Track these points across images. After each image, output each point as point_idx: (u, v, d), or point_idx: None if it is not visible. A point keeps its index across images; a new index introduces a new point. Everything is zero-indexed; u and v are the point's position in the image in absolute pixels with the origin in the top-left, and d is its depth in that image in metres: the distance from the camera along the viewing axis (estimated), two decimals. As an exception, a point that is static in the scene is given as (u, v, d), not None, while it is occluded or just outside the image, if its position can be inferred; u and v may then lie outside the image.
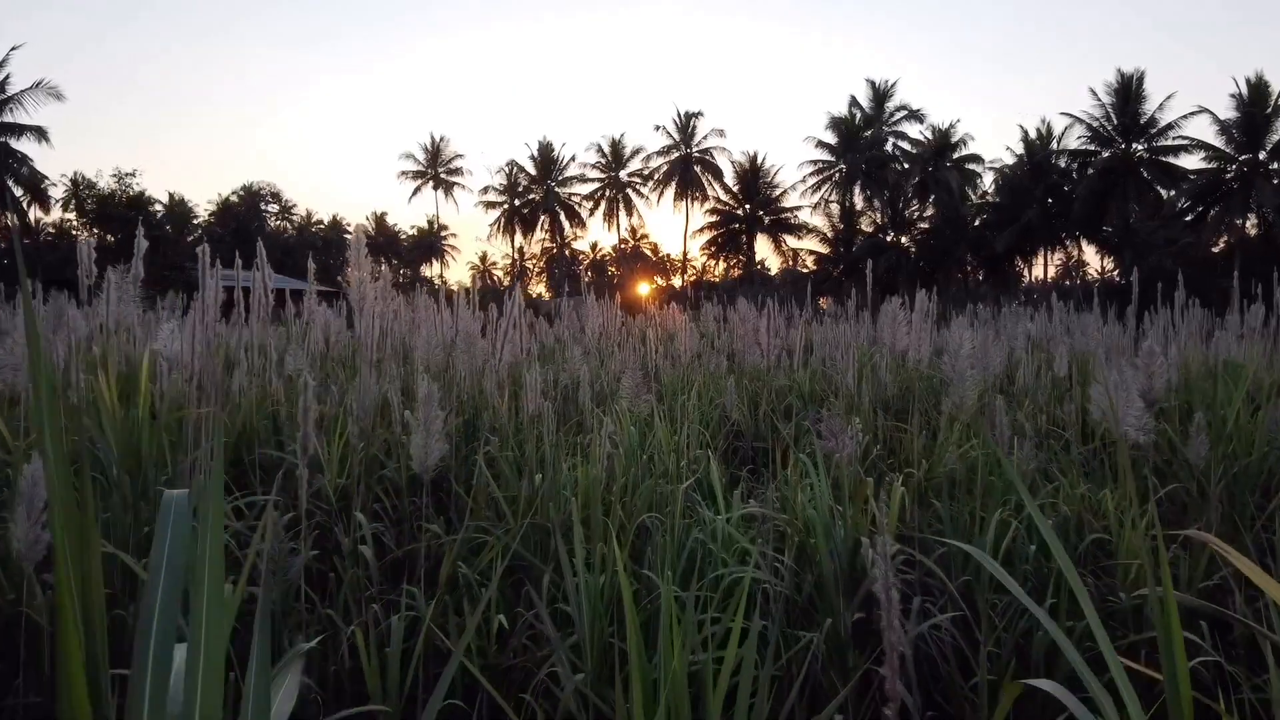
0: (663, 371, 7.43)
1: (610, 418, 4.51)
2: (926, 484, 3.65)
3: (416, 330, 5.11)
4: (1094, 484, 3.57)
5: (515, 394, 4.59)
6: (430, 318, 5.72)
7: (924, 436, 4.37)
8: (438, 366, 4.91)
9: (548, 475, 3.16)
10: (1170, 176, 28.85)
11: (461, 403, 4.56)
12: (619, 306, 9.25)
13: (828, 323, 10.86)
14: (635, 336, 10.17)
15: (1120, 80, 29.55)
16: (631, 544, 3.01)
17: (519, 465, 3.58)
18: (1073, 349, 5.31)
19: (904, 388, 5.15)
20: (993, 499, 3.25)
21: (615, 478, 3.57)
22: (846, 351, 7.86)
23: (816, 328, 10.96)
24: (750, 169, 45.70)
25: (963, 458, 3.79)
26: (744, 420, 6.05)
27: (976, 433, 3.93)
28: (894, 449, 4.48)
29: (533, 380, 4.37)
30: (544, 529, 3.10)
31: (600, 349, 6.94)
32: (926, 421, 5.08)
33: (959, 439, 3.87)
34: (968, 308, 14.76)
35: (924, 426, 5.03)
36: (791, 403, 6.32)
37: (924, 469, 3.64)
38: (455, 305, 5.64)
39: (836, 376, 6.24)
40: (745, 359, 8.20)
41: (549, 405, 4.30)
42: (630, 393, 4.30)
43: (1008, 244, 29.59)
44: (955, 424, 3.89)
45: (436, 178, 53.97)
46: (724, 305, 16.50)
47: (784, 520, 3.15)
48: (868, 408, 4.12)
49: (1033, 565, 2.83)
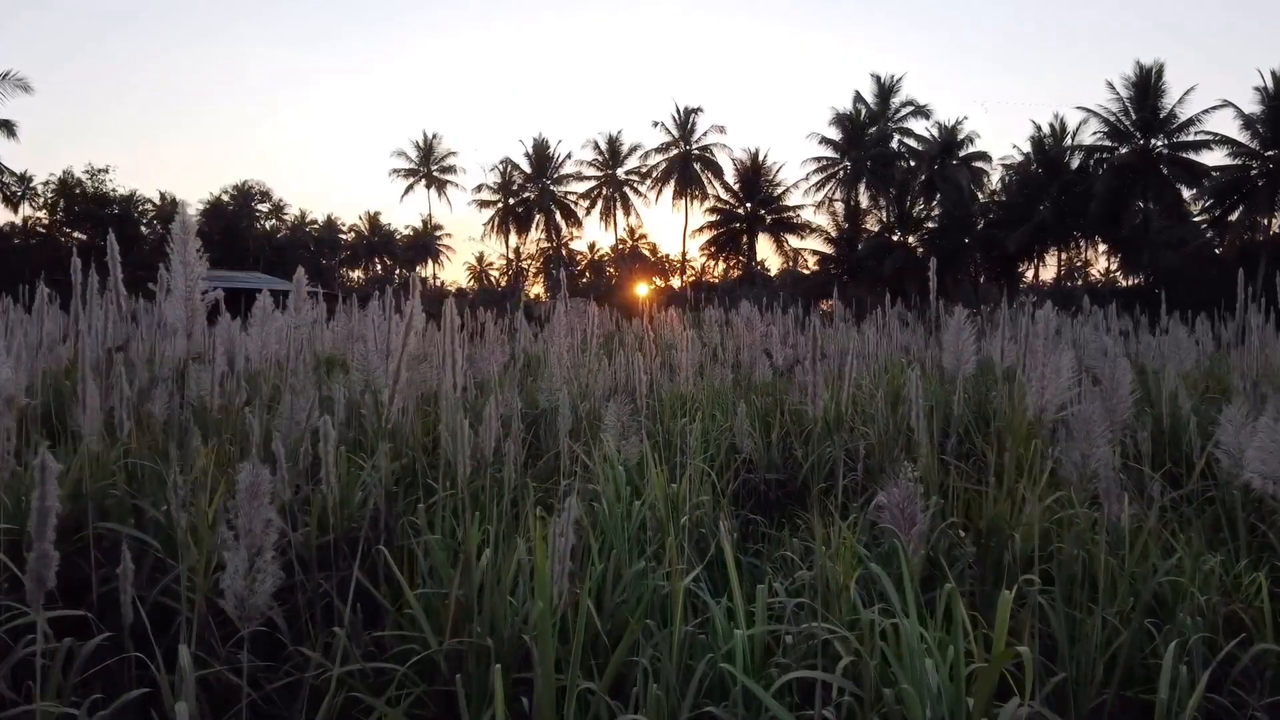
0: (659, 386, 6.46)
1: (595, 455, 3.53)
2: (1019, 562, 2.68)
3: (355, 344, 4.12)
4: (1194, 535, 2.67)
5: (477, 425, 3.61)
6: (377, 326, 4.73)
7: (985, 475, 3.41)
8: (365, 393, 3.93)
9: (485, 573, 2.18)
10: (1191, 173, 27.75)
11: (399, 441, 3.58)
12: (615, 309, 8.40)
13: (842, 329, 9.85)
14: (630, 345, 9.19)
15: (1139, 73, 28.41)
16: (616, 656, 2.03)
17: (458, 544, 2.59)
18: (1160, 370, 4.33)
19: (975, 415, 4.19)
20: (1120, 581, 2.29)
21: (591, 563, 2.58)
22: (874, 363, 6.89)
23: (831, 333, 9.95)
24: (751, 166, 44.65)
25: (1060, 527, 2.82)
26: (757, 450, 5.07)
27: (1055, 480, 2.97)
28: (951, 493, 3.49)
29: (492, 411, 3.40)
30: (484, 650, 2.12)
31: (587, 362, 5.95)
32: (984, 459, 4.11)
33: (1043, 490, 2.90)
34: (981, 310, 13.86)
35: (986, 465, 4.05)
36: (812, 431, 5.35)
37: (1015, 545, 2.66)
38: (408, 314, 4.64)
39: (865, 400, 5.26)
40: (753, 371, 7.23)
41: (512, 447, 3.33)
42: (616, 430, 3.32)
43: (1020, 244, 28.52)
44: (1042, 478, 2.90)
45: (429, 176, 52.89)
46: (726, 308, 15.54)
47: (835, 634, 2.17)
48: (929, 451, 3.13)
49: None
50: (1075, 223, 28.76)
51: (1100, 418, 2.29)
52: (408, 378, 3.34)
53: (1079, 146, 30.94)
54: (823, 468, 5.09)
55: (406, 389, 3.35)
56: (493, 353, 7.06)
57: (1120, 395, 2.43)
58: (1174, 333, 4.14)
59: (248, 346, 2.95)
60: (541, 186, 50.98)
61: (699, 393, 5.98)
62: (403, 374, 1.92)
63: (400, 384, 1.91)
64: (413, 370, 3.43)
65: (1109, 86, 29.44)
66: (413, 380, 3.29)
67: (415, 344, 3.26)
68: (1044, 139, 32.36)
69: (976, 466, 4.12)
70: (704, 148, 46.72)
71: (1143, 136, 28.57)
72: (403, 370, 1.91)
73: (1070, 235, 30.03)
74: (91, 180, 20.48)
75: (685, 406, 5.32)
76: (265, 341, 2.91)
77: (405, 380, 3.32)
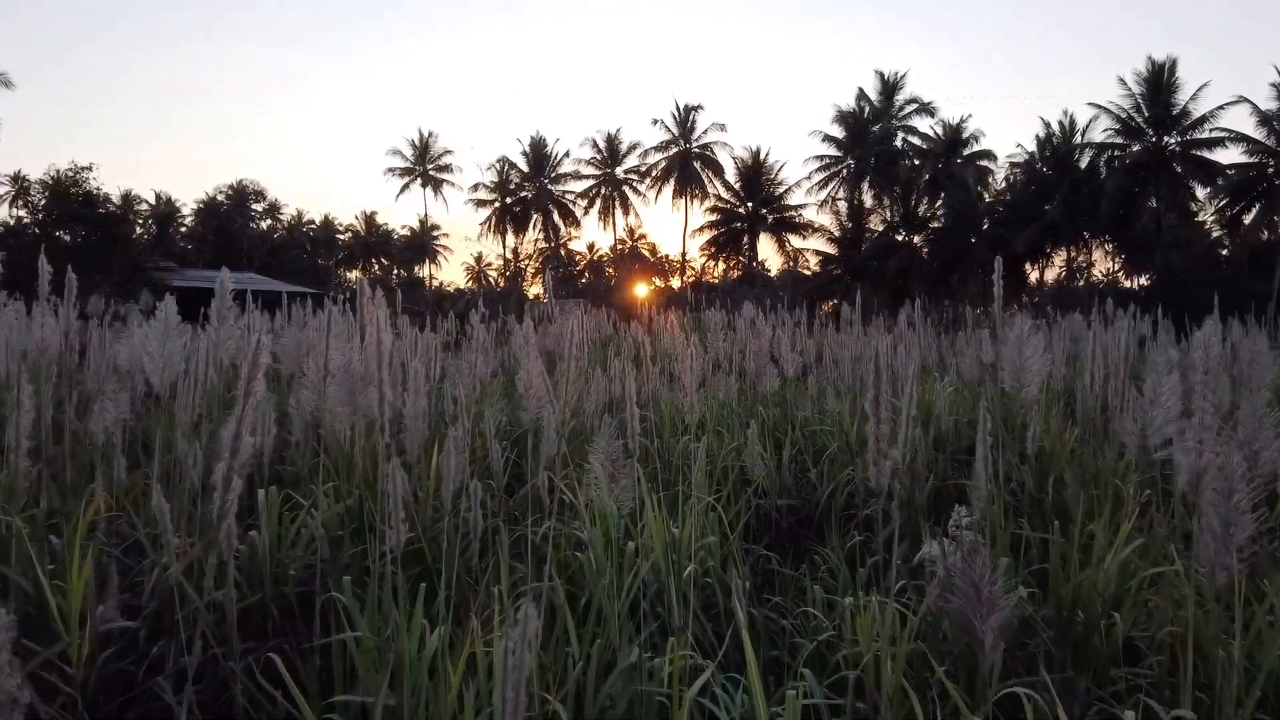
0: (660, 399, 5.88)
1: (581, 493, 2.96)
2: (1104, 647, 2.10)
3: (307, 357, 3.54)
4: None
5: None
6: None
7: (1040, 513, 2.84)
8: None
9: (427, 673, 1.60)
10: (1206, 171, 26.97)
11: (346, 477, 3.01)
12: (614, 310, 7.86)
13: (852, 332, 9.23)
14: (626, 352, 8.62)
15: (1151, 69, 27.62)
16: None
17: (382, 643, 1.99)
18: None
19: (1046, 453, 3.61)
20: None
21: (572, 648, 2.00)
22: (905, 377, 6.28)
23: (841, 339, 9.32)
24: (753, 165, 43.98)
25: (1160, 596, 2.24)
26: (767, 473, 4.50)
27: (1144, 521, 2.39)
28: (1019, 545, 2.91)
29: (457, 438, 2.84)
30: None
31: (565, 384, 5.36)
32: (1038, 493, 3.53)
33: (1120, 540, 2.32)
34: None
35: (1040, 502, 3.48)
36: (831, 452, 4.77)
37: (1105, 625, 2.08)
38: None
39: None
40: (760, 380, 6.65)
41: (477, 487, 2.75)
42: (606, 472, 2.74)
43: (1029, 244, 27.81)
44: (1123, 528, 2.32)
45: (425, 175, 52.18)
46: (728, 310, 14.95)
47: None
48: (990, 495, 2.54)
49: None
50: (1085, 222, 28.04)
51: (1240, 472, 1.70)
52: (351, 401, 2.76)
53: (1089, 144, 30.22)
54: (840, 492, 4.53)
55: (351, 415, 2.77)
56: (474, 365, 6.47)
57: (1262, 437, 1.84)
58: (1253, 341, 3.56)
59: (147, 368, 2.37)
60: (539, 185, 50.32)
61: (700, 403, 5.41)
62: (243, 441, 1.36)
63: (240, 459, 1.32)
64: (357, 391, 2.85)
65: (1120, 82, 28.76)
66: (358, 406, 2.71)
67: (362, 359, 2.68)
68: (1053, 136, 31.66)
69: (1029, 499, 3.54)
70: (704, 146, 46.06)
71: (1155, 133, 27.85)
72: (244, 435, 1.33)
73: (1080, 235, 29.31)
74: (74, 178, 19.81)
75: (687, 424, 4.75)
76: (168, 361, 2.33)
77: (337, 400, 2.74)
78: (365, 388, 2.80)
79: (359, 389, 2.72)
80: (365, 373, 2.72)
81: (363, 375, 2.76)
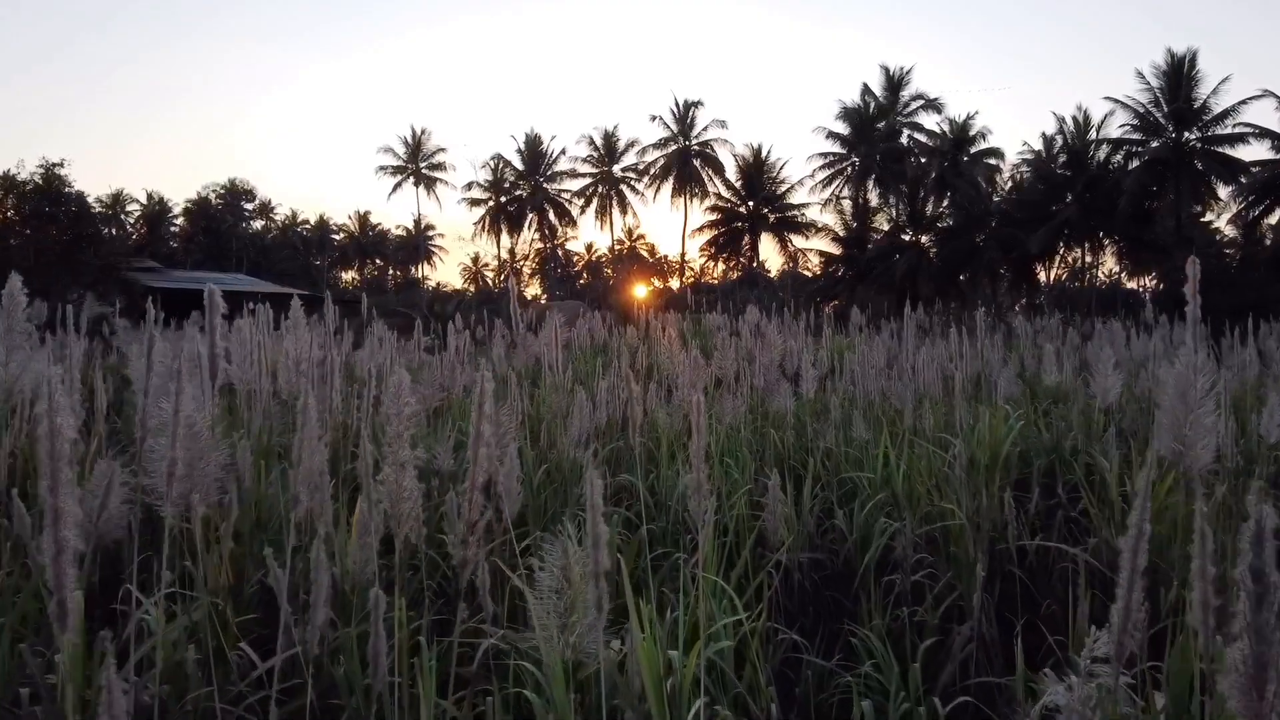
0: (658, 422, 5.00)
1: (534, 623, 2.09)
2: None
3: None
4: None
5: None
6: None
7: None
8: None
9: None
10: (1228, 168, 25.89)
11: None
12: (612, 311, 7.02)
13: (875, 341, 8.33)
14: (621, 359, 7.74)
15: (1170, 62, 26.52)
16: None
17: None
18: None
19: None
20: None
21: None
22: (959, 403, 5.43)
23: (850, 343, 8.38)
24: (754, 163, 42.99)
25: None
26: (789, 528, 3.61)
27: None
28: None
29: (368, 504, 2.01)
30: None
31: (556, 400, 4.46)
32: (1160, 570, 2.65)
33: None
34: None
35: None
36: (865, 497, 3.88)
37: None
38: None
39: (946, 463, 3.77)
40: (770, 397, 5.77)
41: (380, 598, 1.88)
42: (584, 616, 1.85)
43: (1043, 244, 26.81)
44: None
45: (418, 173, 51.07)
46: (729, 312, 14.10)
47: None
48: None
49: None
50: (1101, 221, 27.07)
51: None
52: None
53: (1105, 140, 29.18)
54: (875, 544, 3.66)
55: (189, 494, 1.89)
56: (453, 373, 5.61)
57: None
58: None
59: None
60: (534, 184, 49.36)
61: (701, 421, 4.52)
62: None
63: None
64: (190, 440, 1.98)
65: (1138, 76, 27.74)
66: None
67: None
68: (1066, 133, 30.66)
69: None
70: (704, 143, 45.13)
71: (1175, 129, 26.82)
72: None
73: (1095, 234, 28.36)
74: (46, 175, 18.88)
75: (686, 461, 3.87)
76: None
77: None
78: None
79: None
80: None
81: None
